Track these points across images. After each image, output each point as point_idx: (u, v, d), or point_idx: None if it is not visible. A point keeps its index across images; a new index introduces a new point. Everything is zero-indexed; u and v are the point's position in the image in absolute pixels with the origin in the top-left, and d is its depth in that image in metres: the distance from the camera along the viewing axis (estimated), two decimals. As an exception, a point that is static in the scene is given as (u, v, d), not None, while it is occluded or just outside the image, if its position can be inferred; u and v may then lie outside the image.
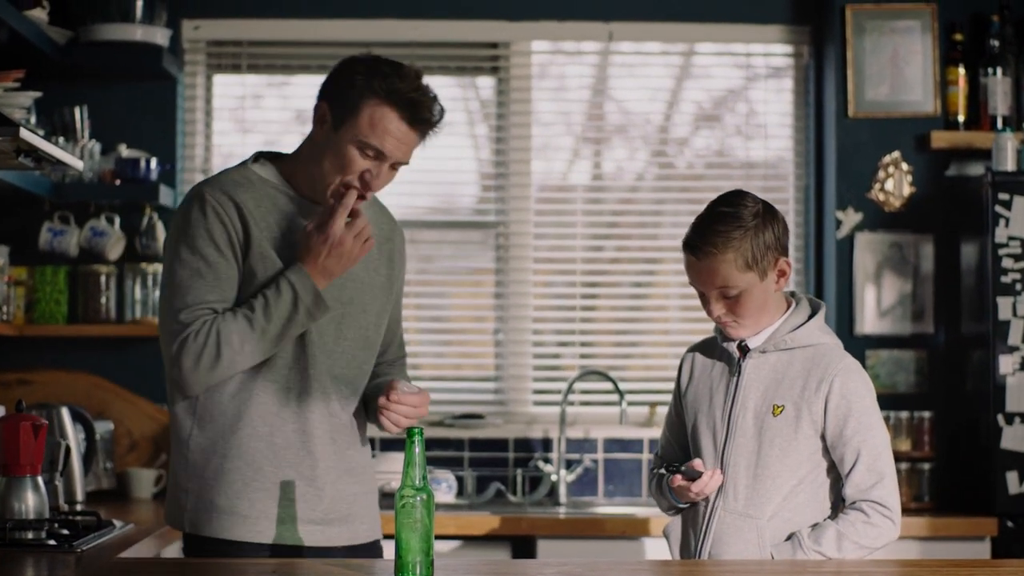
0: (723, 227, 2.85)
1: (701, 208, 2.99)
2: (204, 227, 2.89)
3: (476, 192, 5.12)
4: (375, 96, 2.86)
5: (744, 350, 2.94)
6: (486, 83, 5.14)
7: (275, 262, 2.92)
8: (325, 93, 2.94)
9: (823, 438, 2.89)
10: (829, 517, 2.93)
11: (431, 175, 5.00)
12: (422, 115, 2.89)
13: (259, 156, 3.02)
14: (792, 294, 3.01)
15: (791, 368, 2.91)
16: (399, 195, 4.73)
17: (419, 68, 2.95)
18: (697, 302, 2.95)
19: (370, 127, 2.88)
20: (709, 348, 3.05)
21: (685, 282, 3.00)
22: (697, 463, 2.89)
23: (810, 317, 2.96)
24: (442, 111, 2.93)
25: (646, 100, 5.11)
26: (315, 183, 2.94)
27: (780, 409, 2.88)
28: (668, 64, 5.14)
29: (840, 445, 2.88)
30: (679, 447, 3.06)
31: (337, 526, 3.02)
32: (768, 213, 2.89)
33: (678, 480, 2.89)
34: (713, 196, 2.99)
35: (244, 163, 3.01)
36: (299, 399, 2.96)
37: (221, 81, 5.08)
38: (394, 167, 2.94)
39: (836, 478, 2.93)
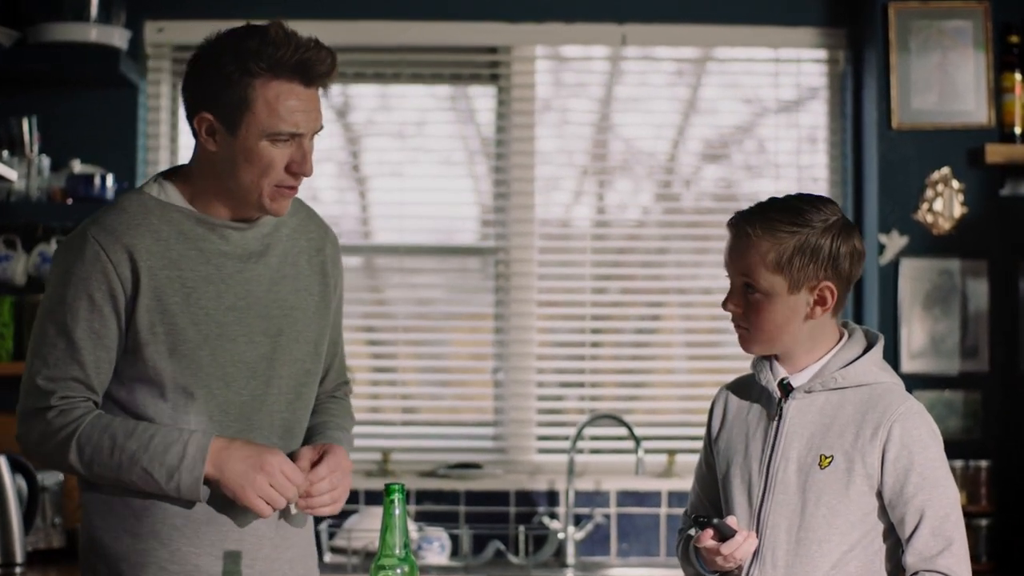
0: (778, 215, 2.72)
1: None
2: (83, 284, 2.71)
3: (474, 214, 5.06)
4: (259, 77, 2.69)
5: (787, 389, 2.75)
6: (484, 92, 5.03)
7: (165, 310, 2.73)
8: (199, 101, 2.75)
9: (879, 495, 2.69)
10: (886, 592, 2.74)
11: (421, 195, 4.96)
12: (317, 71, 2.72)
13: (158, 177, 2.85)
14: (845, 324, 2.83)
15: (842, 411, 2.73)
16: (390, 218, 4.89)
17: (278, 21, 2.76)
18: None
19: (271, 113, 2.70)
20: (745, 387, 2.88)
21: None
22: (732, 520, 2.71)
23: (865, 351, 2.78)
24: (332, 55, 2.75)
25: (657, 121, 5.04)
26: (234, 200, 2.78)
27: (828, 460, 2.69)
28: (683, 72, 5.08)
29: (900, 504, 2.69)
30: (712, 505, 2.89)
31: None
32: (842, 231, 2.74)
33: (706, 538, 2.69)
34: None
35: (140, 188, 2.83)
36: None
37: None
38: (311, 138, 2.79)
39: (895, 544, 2.72)
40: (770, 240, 2.69)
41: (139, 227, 2.72)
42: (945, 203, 4.73)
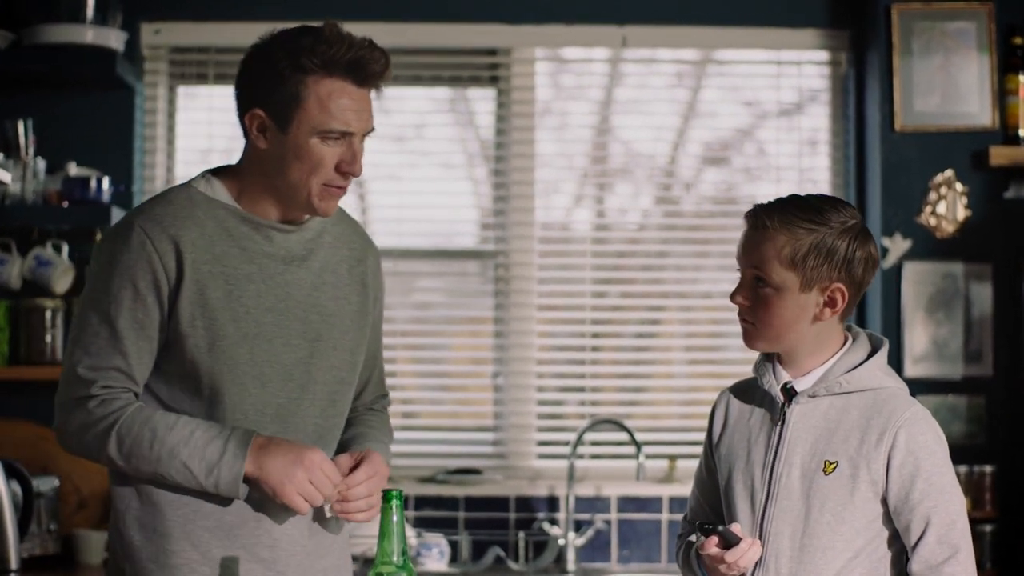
0: (797, 211, 2.71)
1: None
2: (128, 273, 2.72)
3: (473, 217, 5.04)
4: (312, 74, 2.70)
5: (790, 393, 2.74)
6: (484, 95, 5.01)
7: (207, 303, 2.73)
8: (251, 98, 2.76)
9: (884, 502, 2.68)
10: (890, 599, 2.73)
11: (420, 198, 4.94)
12: (371, 70, 2.73)
13: (205, 174, 2.87)
14: (849, 328, 2.82)
15: (847, 416, 2.71)
16: (388, 221, 4.90)
17: (333, 22, 2.77)
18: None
19: (323, 111, 2.71)
20: (748, 390, 2.86)
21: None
22: (736, 527, 2.70)
23: (870, 355, 2.76)
24: (385, 56, 2.75)
25: (658, 124, 5.01)
26: (283, 199, 2.78)
27: (833, 466, 2.67)
28: (684, 75, 5.05)
29: (906, 511, 2.67)
30: (712, 511, 2.87)
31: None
32: (860, 235, 2.74)
33: (711, 545, 2.68)
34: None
35: (188, 183, 2.84)
36: None
37: (185, 92, 5.00)
38: (362, 140, 2.80)
39: (900, 550, 2.70)
40: (787, 234, 2.68)
41: (185, 220, 2.73)
42: (948, 206, 4.72)
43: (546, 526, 4.72)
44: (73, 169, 4.61)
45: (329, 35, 2.70)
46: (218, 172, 2.84)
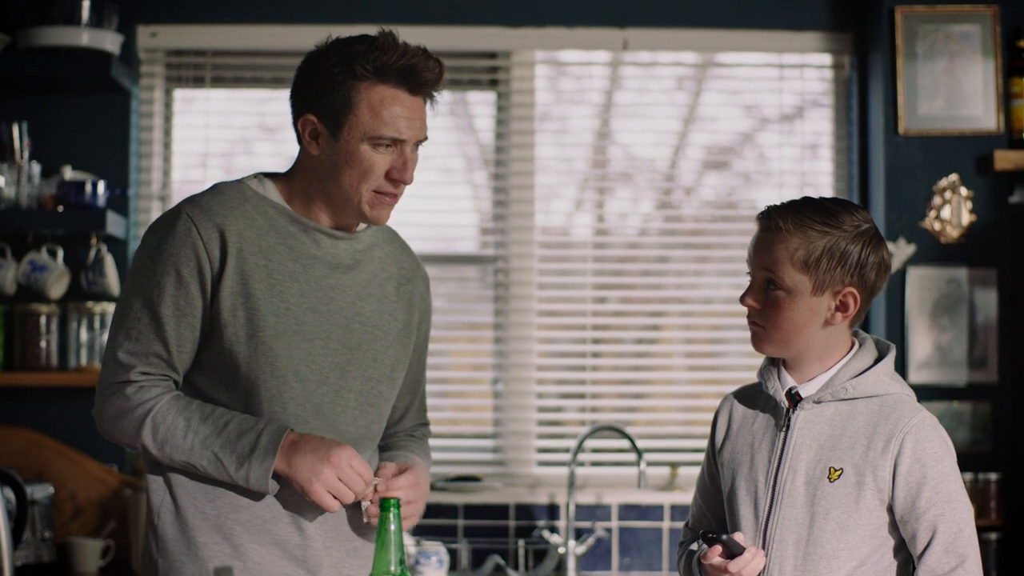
0: (810, 213, 2.71)
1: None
2: (172, 260, 2.74)
3: (472, 222, 5.02)
4: (365, 80, 2.72)
5: (795, 399, 2.74)
6: (483, 98, 4.98)
7: (249, 294, 2.75)
8: (305, 103, 2.79)
9: (890, 510, 2.68)
10: (896, 608, 2.74)
11: (419, 202, 4.88)
12: (423, 78, 2.75)
13: (259, 174, 2.89)
14: (855, 333, 2.82)
15: (852, 423, 2.71)
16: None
17: (388, 29, 2.77)
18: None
19: (375, 117, 2.73)
20: (751, 395, 2.86)
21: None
22: (740, 537, 2.70)
23: (876, 361, 2.77)
24: (439, 64, 2.77)
25: (659, 127, 4.98)
26: (335, 205, 2.80)
27: (838, 473, 2.67)
28: (685, 79, 5.02)
29: (912, 519, 2.67)
30: (715, 518, 2.88)
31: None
32: (873, 239, 2.74)
33: (714, 555, 2.68)
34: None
35: (240, 180, 2.87)
36: None
37: (182, 96, 4.96)
38: (415, 148, 2.80)
39: (906, 560, 2.71)
40: (800, 237, 2.67)
41: (233, 210, 2.75)
42: (953, 211, 4.70)
43: (546, 534, 4.70)
44: (68, 173, 4.60)
45: (383, 42, 2.72)
46: (270, 175, 2.86)
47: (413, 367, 2.98)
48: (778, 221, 2.69)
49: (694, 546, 2.84)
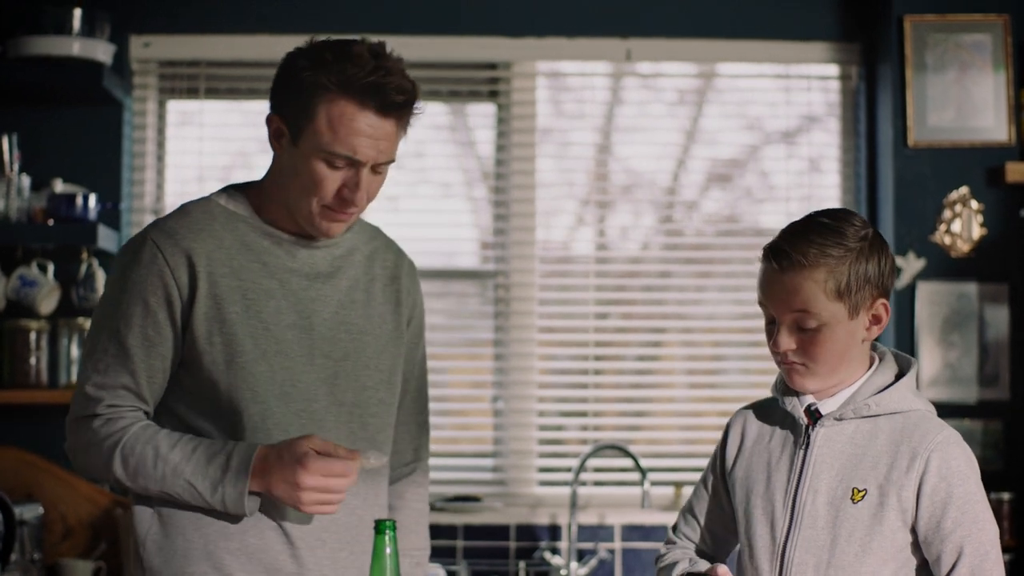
0: (821, 239, 2.65)
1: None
2: (138, 289, 2.70)
3: (472, 237, 4.99)
4: (327, 92, 2.64)
5: (814, 415, 2.69)
6: (483, 110, 4.95)
7: (224, 319, 2.70)
8: (274, 102, 2.74)
9: (914, 531, 2.62)
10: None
11: (418, 216, 4.89)
12: (390, 100, 2.64)
13: (228, 188, 2.84)
14: (874, 347, 2.78)
15: (875, 441, 2.66)
16: None
17: (375, 42, 2.69)
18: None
19: (331, 131, 2.64)
20: (766, 411, 2.81)
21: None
22: (722, 571, 2.66)
23: (898, 377, 2.72)
24: (414, 86, 2.68)
25: (663, 140, 4.95)
26: (288, 212, 2.74)
27: (862, 494, 2.63)
28: (689, 91, 5.00)
29: (937, 540, 2.62)
30: (712, 538, 2.85)
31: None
32: (877, 242, 2.71)
33: None
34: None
35: (208, 196, 2.82)
36: None
37: (176, 107, 4.95)
38: (377, 170, 2.70)
39: None
40: (825, 268, 2.63)
41: (201, 232, 2.70)
42: (963, 224, 4.69)
43: (548, 555, 4.68)
44: (59, 186, 4.58)
45: (355, 53, 2.63)
46: (241, 187, 2.81)
47: (408, 364, 2.91)
48: (799, 257, 2.64)
49: (678, 571, 2.79)
